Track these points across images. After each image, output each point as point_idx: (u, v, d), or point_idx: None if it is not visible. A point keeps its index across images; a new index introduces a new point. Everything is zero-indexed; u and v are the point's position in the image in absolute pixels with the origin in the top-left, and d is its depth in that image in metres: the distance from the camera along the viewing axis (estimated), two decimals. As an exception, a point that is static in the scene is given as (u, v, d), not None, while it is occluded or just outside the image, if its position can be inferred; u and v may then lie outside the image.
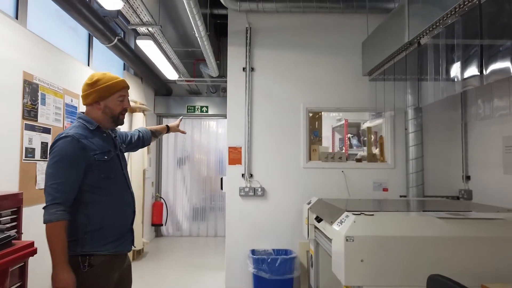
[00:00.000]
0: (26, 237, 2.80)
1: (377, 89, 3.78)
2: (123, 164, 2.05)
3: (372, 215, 2.38)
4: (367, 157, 4.36)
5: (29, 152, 3.08)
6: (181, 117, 2.73)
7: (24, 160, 3.02)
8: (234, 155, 4.11)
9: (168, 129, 2.61)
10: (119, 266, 1.95)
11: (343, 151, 6.23)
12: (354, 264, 2.22)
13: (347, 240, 2.23)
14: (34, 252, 1.75)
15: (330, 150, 6.43)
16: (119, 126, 2.08)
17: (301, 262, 4.01)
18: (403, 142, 4.09)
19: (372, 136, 5.19)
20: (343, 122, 6.23)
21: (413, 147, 3.95)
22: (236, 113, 4.15)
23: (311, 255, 3.57)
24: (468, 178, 3.85)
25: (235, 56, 4.17)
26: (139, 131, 2.40)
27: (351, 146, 6.43)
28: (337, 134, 6.92)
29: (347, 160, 4.28)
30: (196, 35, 3.82)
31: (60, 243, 1.68)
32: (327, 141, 6.74)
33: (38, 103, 3.21)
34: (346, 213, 2.48)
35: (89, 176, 1.82)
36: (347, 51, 4.15)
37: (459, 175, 3.95)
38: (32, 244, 1.74)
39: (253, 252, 3.98)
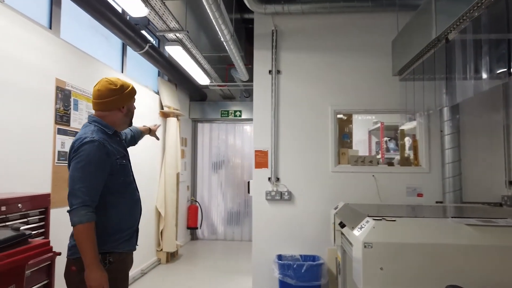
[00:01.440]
0: (56, 237, 2.95)
1: (408, 89, 3.61)
2: (131, 167, 2.14)
3: (394, 220, 2.26)
4: (400, 161, 4.17)
5: (62, 156, 3.24)
6: (159, 124, 2.85)
7: (56, 163, 3.17)
8: (261, 159, 4.09)
9: (150, 131, 2.69)
10: (131, 263, 2.06)
11: (379, 155, 6.01)
12: (372, 272, 2.11)
13: (365, 246, 2.13)
14: (50, 250, 1.81)
15: (367, 154, 6.25)
16: None
17: (330, 269, 3.89)
18: (438, 145, 3.87)
19: (410, 139, 4.97)
20: (379, 125, 6.01)
21: (449, 150, 3.73)
22: (262, 116, 4.12)
23: (339, 262, 3.45)
24: (511, 183, 3.57)
25: (261, 59, 4.16)
26: (130, 130, 2.46)
27: (388, 149, 6.19)
28: (374, 137, 6.69)
29: (378, 163, 4.11)
30: (222, 39, 3.86)
31: (91, 243, 1.74)
32: (364, 145, 6.54)
33: (70, 108, 3.37)
34: (367, 218, 2.37)
35: (110, 180, 1.88)
36: (377, 51, 4.00)
37: (501, 180, 3.67)
38: (47, 243, 1.81)
39: (280, 257, 3.92)
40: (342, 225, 2.94)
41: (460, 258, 2.06)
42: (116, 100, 1.97)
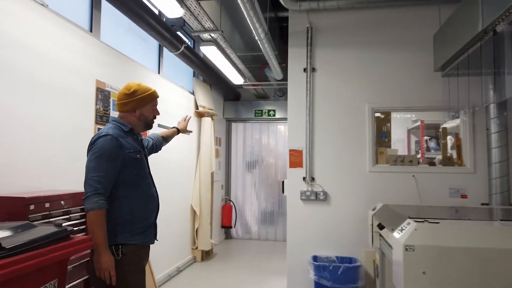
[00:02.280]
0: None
1: (451, 85, 3.44)
2: (148, 164, 2.24)
3: (437, 223, 2.15)
4: (441, 161, 3.99)
5: (101, 154, 3.33)
6: (189, 116, 2.91)
7: (96, 161, 3.27)
8: (295, 158, 4.03)
9: (178, 131, 2.80)
10: (146, 256, 2.13)
11: (419, 154, 5.79)
12: (414, 276, 2.02)
13: (406, 249, 2.04)
14: (90, 246, 1.86)
15: (406, 153, 6.03)
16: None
17: (367, 272, 3.79)
18: (484, 143, 3.66)
19: (452, 137, 4.75)
20: (419, 123, 5.80)
21: (496, 149, 3.51)
22: (297, 115, 4.07)
23: (377, 264, 3.35)
24: None
25: (296, 57, 4.11)
26: (151, 138, 2.58)
27: (428, 149, 5.95)
28: (413, 136, 6.45)
29: (419, 163, 3.95)
30: (256, 38, 3.84)
31: (101, 229, 1.86)
32: (402, 144, 6.33)
33: (110, 108, 3.47)
34: (408, 220, 2.27)
35: (123, 172, 2.00)
36: (417, 46, 3.84)
37: (555, 181, 3.42)
38: (88, 239, 1.86)
39: (315, 258, 3.85)
40: (381, 226, 2.85)
41: (509, 263, 1.93)
42: (127, 103, 2.11)
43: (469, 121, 3.75)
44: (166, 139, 2.71)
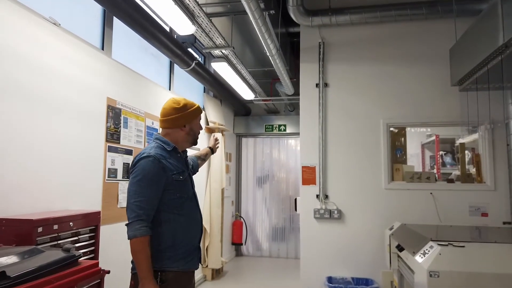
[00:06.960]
0: (106, 253, 2.97)
1: (470, 100, 3.34)
2: (193, 184, 2.12)
3: (463, 246, 2.04)
4: (460, 177, 3.85)
5: (112, 173, 3.29)
6: (215, 136, 2.91)
7: (107, 180, 3.22)
8: (308, 175, 3.94)
9: (212, 150, 2.74)
10: (188, 283, 1.98)
11: (434, 170, 5.65)
12: (440, 305, 1.90)
13: (430, 275, 1.93)
14: (98, 272, 1.79)
15: (420, 170, 5.89)
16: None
17: (385, 294, 3.64)
18: (505, 160, 3.55)
19: (469, 153, 4.62)
20: (434, 138, 5.67)
21: (518, 165, 3.39)
22: (309, 131, 3.99)
23: (395, 286, 3.21)
24: None
25: (308, 73, 4.05)
26: (191, 160, 2.44)
27: (444, 164, 5.81)
28: (428, 151, 6.31)
29: (436, 180, 3.83)
30: (268, 54, 3.80)
31: (145, 257, 1.75)
32: (417, 159, 6.19)
33: (120, 126, 3.43)
34: (430, 243, 2.17)
35: (166, 195, 1.89)
36: (432, 60, 3.77)
37: None
38: (96, 264, 1.79)
39: (330, 279, 3.72)
40: (400, 248, 2.73)
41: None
42: (178, 118, 2.01)
43: (488, 136, 3.63)
44: (202, 159, 2.60)
